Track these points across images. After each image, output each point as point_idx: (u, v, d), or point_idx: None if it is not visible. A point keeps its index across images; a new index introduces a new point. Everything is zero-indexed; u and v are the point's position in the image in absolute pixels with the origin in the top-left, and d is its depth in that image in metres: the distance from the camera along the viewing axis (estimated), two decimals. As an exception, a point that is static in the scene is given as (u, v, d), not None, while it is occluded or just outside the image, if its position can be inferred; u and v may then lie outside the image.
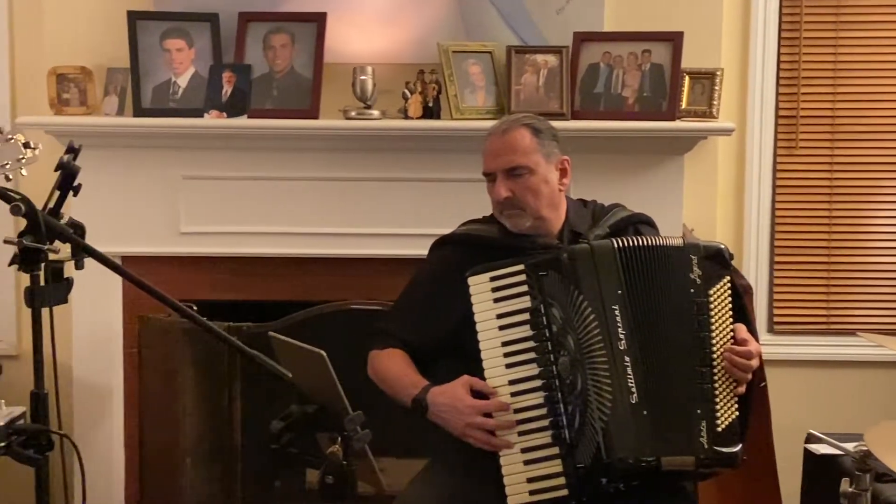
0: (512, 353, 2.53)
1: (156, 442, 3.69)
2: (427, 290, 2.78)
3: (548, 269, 2.55)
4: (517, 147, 2.69)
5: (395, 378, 2.66)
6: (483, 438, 2.48)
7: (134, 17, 3.60)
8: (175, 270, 3.67)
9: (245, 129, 3.58)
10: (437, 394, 2.55)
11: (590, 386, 2.48)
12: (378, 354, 2.73)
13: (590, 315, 2.51)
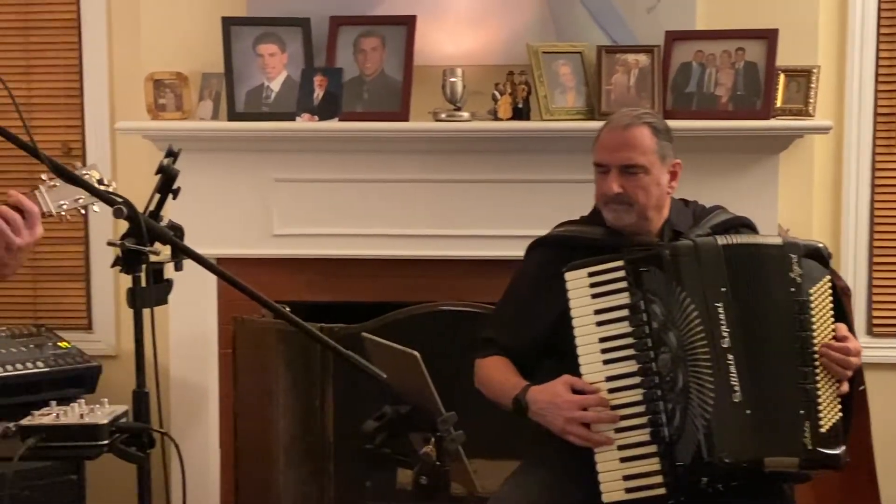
0: (610, 349, 2.51)
1: (250, 441, 3.74)
2: (524, 294, 2.78)
3: (649, 265, 2.52)
4: (637, 145, 2.66)
5: (497, 383, 2.67)
6: (583, 434, 2.47)
7: (228, 23, 3.66)
8: (267, 272, 3.71)
9: (336, 131, 3.61)
10: (536, 392, 2.55)
11: (691, 383, 2.45)
12: (481, 363, 2.75)
13: (693, 312, 2.48)
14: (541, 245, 2.84)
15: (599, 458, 2.47)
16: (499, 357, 2.73)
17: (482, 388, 2.74)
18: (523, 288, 2.80)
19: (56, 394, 3.35)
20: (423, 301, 3.63)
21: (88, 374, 3.60)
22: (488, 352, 2.76)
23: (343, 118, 3.60)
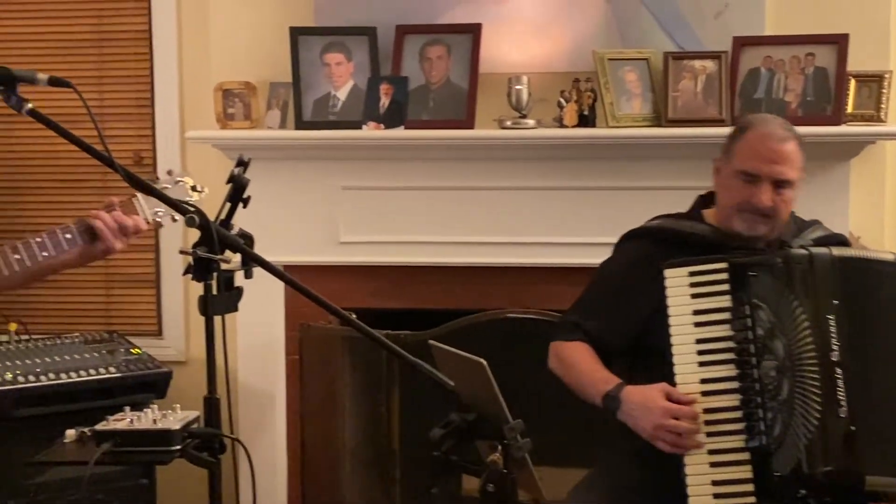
0: (707, 351, 2.46)
1: (317, 447, 3.77)
2: (616, 283, 2.71)
3: (758, 270, 2.46)
4: (793, 160, 2.61)
5: (585, 373, 2.60)
6: (672, 441, 2.42)
7: (296, 33, 3.70)
8: (334, 279, 3.74)
9: (402, 139, 3.63)
10: (631, 392, 2.50)
11: (797, 394, 2.39)
12: (563, 346, 2.67)
13: (804, 322, 2.42)
14: (637, 237, 2.77)
15: (689, 460, 2.43)
16: (583, 344, 2.65)
17: (561, 373, 2.67)
18: (617, 278, 2.72)
19: (127, 399, 3.40)
20: (489, 308, 3.64)
21: (159, 380, 3.65)
22: (571, 336, 2.68)
23: (409, 126, 3.62)
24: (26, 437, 3.44)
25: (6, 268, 2.17)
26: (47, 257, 2.21)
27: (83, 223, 2.27)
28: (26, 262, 2.19)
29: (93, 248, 2.27)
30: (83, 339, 3.83)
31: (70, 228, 2.25)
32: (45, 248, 2.21)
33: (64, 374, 3.54)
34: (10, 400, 3.43)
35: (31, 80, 2.07)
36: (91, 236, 2.26)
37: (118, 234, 2.26)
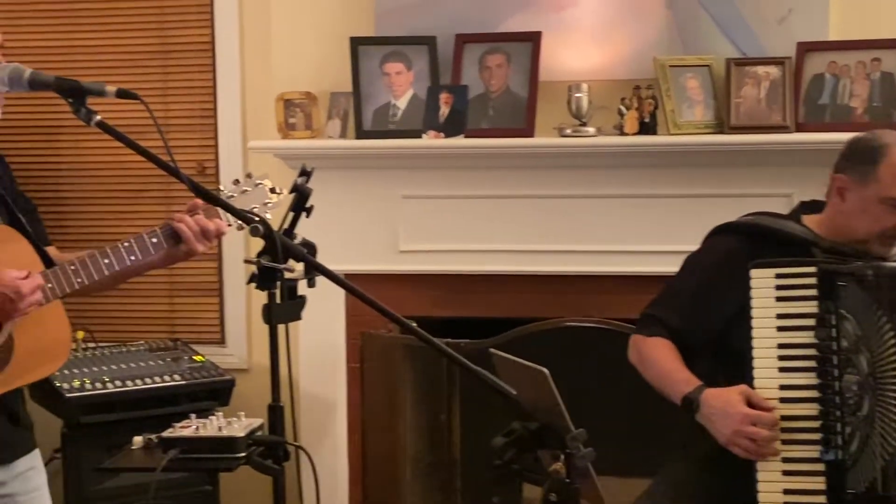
0: (788, 357, 2.40)
1: (378, 454, 3.78)
2: (704, 279, 2.62)
3: (848, 280, 2.39)
4: None
5: (666, 371, 2.54)
6: (750, 448, 2.37)
7: (356, 43, 3.73)
8: (393, 288, 3.75)
9: (462, 148, 3.64)
10: (711, 396, 2.44)
11: (878, 413, 2.33)
12: (645, 341, 2.61)
13: (891, 339, 2.35)
14: (730, 231, 2.67)
15: (762, 466, 2.38)
16: (665, 341, 2.58)
17: (641, 367, 2.61)
18: (705, 273, 2.63)
19: (191, 406, 3.45)
20: (548, 317, 3.63)
21: (222, 388, 3.69)
22: (653, 331, 2.62)
23: (468, 135, 3.63)
24: (93, 443, 3.50)
25: (97, 273, 2.23)
26: (135, 261, 2.27)
27: (168, 227, 2.31)
28: (115, 266, 2.25)
29: (176, 251, 2.32)
30: (148, 347, 3.88)
31: (156, 232, 2.30)
32: (132, 252, 2.26)
33: (130, 381, 3.59)
34: (78, 407, 3.49)
35: (100, 92, 2.10)
36: (175, 239, 2.31)
37: (201, 238, 2.30)
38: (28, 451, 2.35)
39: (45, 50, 4.14)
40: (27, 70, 2.13)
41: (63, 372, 3.56)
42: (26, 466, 2.34)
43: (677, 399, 2.50)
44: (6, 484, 2.28)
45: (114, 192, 4.21)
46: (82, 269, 2.22)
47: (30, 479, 2.35)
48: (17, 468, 2.31)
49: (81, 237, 4.17)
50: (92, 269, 2.23)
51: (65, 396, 3.47)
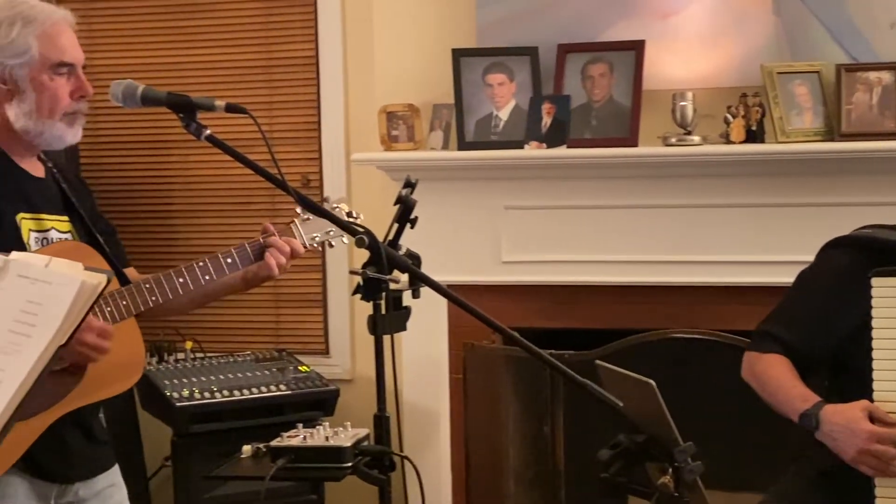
0: None
1: (481, 465, 3.78)
2: (820, 295, 2.57)
3: None
4: None
5: (783, 387, 2.49)
6: (878, 466, 2.31)
7: (458, 55, 3.74)
8: (496, 299, 3.74)
9: (564, 158, 3.62)
10: (831, 413, 2.38)
11: None
12: (759, 358, 2.57)
13: None
14: (845, 245, 2.60)
15: (879, 482, 2.31)
16: (780, 357, 2.53)
17: (756, 385, 2.56)
18: (822, 288, 2.57)
19: (297, 416, 3.49)
20: (653, 328, 3.59)
21: (327, 398, 3.73)
22: (768, 347, 2.56)
23: (571, 145, 3.61)
24: (202, 451, 3.56)
25: (171, 292, 2.25)
26: (209, 281, 2.28)
27: (243, 248, 2.33)
28: (189, 286, 2.26)
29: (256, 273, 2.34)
30: (254, 358, 3.94)
31: (230, 253, 2.32)
32: (207, 272, 2.28)
33: (237, 391, 3.65)
34: (188, 416, 3.56)
35: (210, 107, 2.14)
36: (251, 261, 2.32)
37: (287, 256, 2.32)
38: (107, 467, 2.37)
39: (156, 66, 4.24)
40: (140, 86, 2.18)
41: (173, 381, 3.64)
42: (106, 483, 2.34)
43: (794, 416, 2.44)
44: (86, 501, 2.30)
45: (221, 204, 4.29)
46: (157, 287, 2.24)
47: (110, 496, 2.35)
48: (97, 485, 2.32)
49: (189, 249, 4.26)
50: (166, 288, 2.25)
51: (175, 406, 3.54)
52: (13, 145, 2.24)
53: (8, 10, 2.20)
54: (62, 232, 2.28)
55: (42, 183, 2.30)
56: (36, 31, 2.19)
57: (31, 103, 2.20)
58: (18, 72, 2.19)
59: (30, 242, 2.20)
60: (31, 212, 2.24)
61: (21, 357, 1.38)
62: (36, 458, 2.16)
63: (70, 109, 2.23)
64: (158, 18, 4.28)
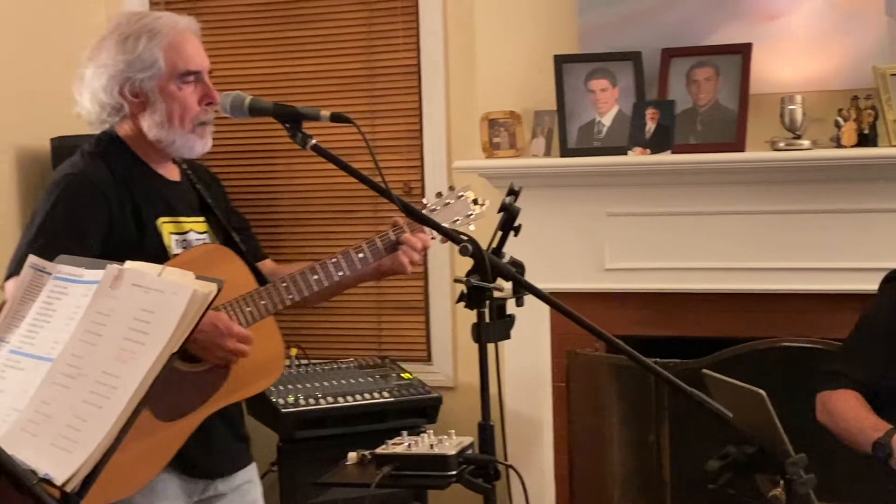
0: None
1: (585, 475, 3.74)
2: (882, 329, 2.61)
3: None
4: None
5: (853, 419, 2.51)
6: None
7: (560, 61, 3.72)
8: (599, 306, 3.71)
9: (669, 164, 3.57)
10: None
11: None
12: (829, 396, 2.60)
13: None
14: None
15: None
16: (849, 391, 2.55)
17: (830, 423, 2.57)
18: (882, 323, 2.62)
19: (400, 423, 3.50)
20: (761, 336, 3.52)
21: (430, 405, 3.73)
22: (838, 384, 2.58)
23: (676, 150, 3.56)
24: (306, 457, 3.60)
25: (307, 289, 2.31)
26: (342, 276, 2.33)
27: (374, 243, 2.37)
28: (324, 282, 2.33)
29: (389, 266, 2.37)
30: (357, 365, 3.97)
31: (362, 248, 2.36)
32: (340, 268, 2.34)
33: (341, 397, 3.68)
34: (293, 422, 3.60)
35: (315, 116, 2.16)
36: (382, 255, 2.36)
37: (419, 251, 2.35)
38: (246, 464, 2.44)
39: (262, 77, 4.31)
40: (247, 97, 2.22)
41: (279, 388, 3.69)
42: (244, 479, 2.42)
43: (867, 445, 2.43)
44: (225, 496, 2.36)
45: (324, 212, 4.34)
46: (293, 285, 2.30)
47: (247, 492, 2.43)
48: (236, 481, 2.39)
49: (295, 258, 4.31)
50: (302, 286, 2.31)
51: (280, 412, 3.59)
52: (150, 153, 2.32)
53: (133, 24, 2.27)
54: (200, 232, 2.35)
55: (178, 186, 2.37)
56: (161, 42, 2.25)
57: (162, 114, 2.26)
58: (148, 84, 2.25)
59: (171, 245, 2.28)
60: (170, 215, 2.31)
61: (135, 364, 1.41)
62: (186, 455, 2.23)
63: (200, 119, 2.29)
64: (264, 30, 4.35)
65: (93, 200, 2.20)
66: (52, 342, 1.52)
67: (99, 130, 2.34)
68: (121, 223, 2.21)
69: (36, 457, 1.39)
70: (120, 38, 2.25)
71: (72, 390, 1.44)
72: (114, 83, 2.24)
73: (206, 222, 2.38)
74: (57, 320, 1.55)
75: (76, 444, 1.39)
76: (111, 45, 2.25)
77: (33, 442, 1.42)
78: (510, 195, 2.29)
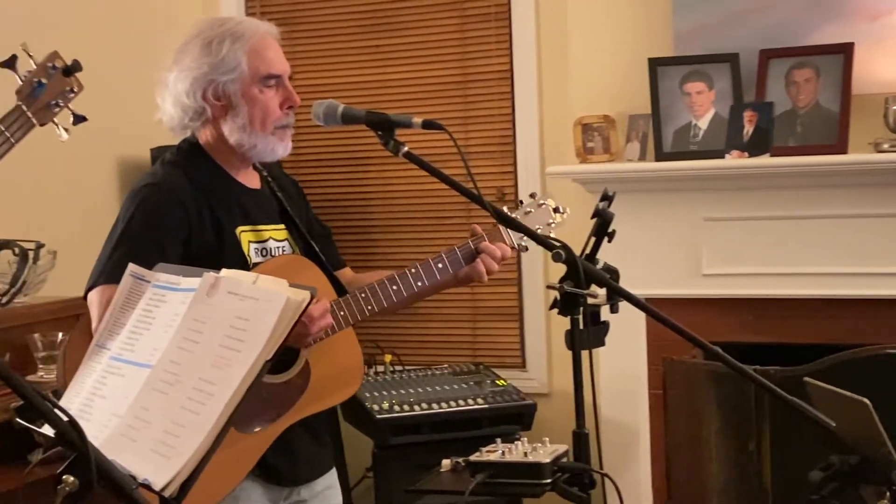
0: None
1: (682, 484, 3.68)
2: None
3: None
4: None
5: None
6: None
7: (655, 64, 3.68)
8: (696, 312, 3.66)
9: (768, 167, 3.51)
10: None
11: None
12: None
13: None
14: None
15: None
16: None
17: None
18: None
19: (494, 430, 3.49)
20: (865, 343, 3.42)
21: (525, 412, 3.71)
22: None
23: (775, 153, 3.49)
24: (401, 463, 3.61)
25: (386, 299, 2.30)
26: (421, 286, 2.32)
27: (453, 252, 2.35)
28: (403, 292, 2.31)
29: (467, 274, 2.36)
30: (451, 371, 3.97)
31: (441, 257, 2.35)
32: (419, 277, 2.32)
33: (435, 404, 3.68)
34: (388, 428, 3.61)
35: (407, 124, 2.16)
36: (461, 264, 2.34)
37: (498, 261, 2.34)
38: (328, 469, 2.44)
39: (354, 85, 4.35)
40: (340, 105, 2.23)
41: (373, 394, 3.71)
42: (325, 485, 2.41)
43: None
44: (307, 502, 2.37)
45: (418, 219, 4.35)
46: (372, 296, 2.28)
47: (328, 498, 2.42)
48: (317, 486, 2.39)
49: (388, 264, 4.33)
50: (381, 296, 2.29)
51: (375, 418, 3.60)
52: (230, 159, 2.33)
53: (217, 29, 2.29)
54: (279, 241, 2.36)
55: (258, 194, 2.38)
56: (245, 46, 2.27)
57: (244, 117, 2.28)
58: (230, 87, 2.27)
59: (250, 254, 2.29)
60: (249, 224, 2.32)
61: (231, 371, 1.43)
62: (269, 463, 2.24)
63: (281, 122, 2.31)
64: (357, 38, 4.38)
65: (171, 209, 2.22)
66: (152, 349, 1.55)
67: (180, 137, 2.36)
68: (199, 232, 2.23)
69: (136, 462, 1.41)
70: (204, 42, 2.27)
71: (170, 396, 1.47)
72: (197, 86, 2.26)
73: (285, 230, 2.39)
74: (156, 327, 1.58)
75: (174, 450, 1.41)
76: (195, 48, 2.27)
77: (133, 447, 1.45)
78: (604, 200, 2.26)
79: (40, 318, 3.15)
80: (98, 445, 1.32)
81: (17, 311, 3.16)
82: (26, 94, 1.80)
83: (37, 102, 1.81)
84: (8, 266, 3.19)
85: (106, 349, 1.63)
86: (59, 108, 1.84)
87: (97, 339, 1.67)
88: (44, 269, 3.28)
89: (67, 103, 1.86)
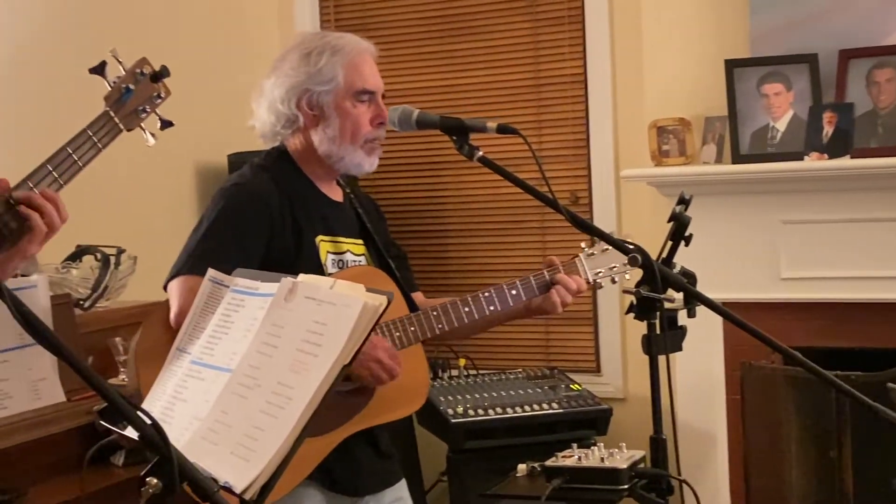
0: None
1: (761, 491, 3.63)
2: None
3: None
4: None
5: None
6: None
7: (731, 65, 3.63)
8: (775, 317, 3.60)
9: (848, 169, 3.44)
10: None
11: None
12: None
13: None
14: None
15: None
16: None
17: None
18: None
19: (569, 435, 3.47)
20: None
21: (600, 417, 3.68)
22: None
23: (855, 155, 3.43)
24: (475, 467, 3.60)
25: (457, 320, 2.31)
26: (493, 311, 2.32)
27: (528, 279, 2.35)
28: (475, 315, 2.32)
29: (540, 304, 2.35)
30: (526, 375, 3.95)
31: (515, 285, 2.35)
32: (492, 302, 2.33)
33: (510, 408, 3.66)
34: (462, 432, 3.61)
35: (482, 128, 2.17)
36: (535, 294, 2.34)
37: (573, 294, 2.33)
38: (396, 481, 2.43)
39: (428, 90, 4.36)
40: (415, 111, 2.25)
41: (448, 398, 3.71)
42: (394, 497, 2.41)
43: None
44: None
45: (493, 223, 4.35)
46: (443, 314, 2.30)
47: None
48: (385, 499, 2.39)
49: (463, 268, 4.35)
50: (452, 316, 2.30)
51: (450, 422, 3.61)
52: (316, 169, 2.36)
53: (318, 41, 2.34)
54: (356, 255, 2.38)
55: (340, 208, 2.41)
56: (343, 60, 2.31)
57: (335, 129, 2.31)
58: (325, 98, 2.31)
59: (327, 264, 2.32)
60: (329, 235, 2.35)
61: (309, 375, 1.44)
62: (330, 471, 2.26)
63: (370, 136, 2.34)
64: (431, 44, 4.39)
65: (256, 210, 2.26)
66: (231, 353, 1.57)
67: (270, 144, 2.41)
68: (280, 236, 2.27)
69: (216, 465, 1.43)
70: (304, 52, 2.32)
71: (249, 400, 1.48)
72: (293, 94, 2.31)
73: (363, 245, 2.41)
74: (235, 332, 1.60)
75: (254, 453, 1.42)
76: (295, 57, 2.32)
77: (214, 451, 1.46)
78: (680, 204, 2.24)
79: (121, 322, 3.21)
80: (180, 448, 1.34)
81: (100, 316, 3.22)
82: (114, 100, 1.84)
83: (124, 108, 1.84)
84: (90, 271, 3.26)
85: (186, 353, 1.66)
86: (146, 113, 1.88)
87: (178, 343, 1.69)
88: (124, 273, 3.34)
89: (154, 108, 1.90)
